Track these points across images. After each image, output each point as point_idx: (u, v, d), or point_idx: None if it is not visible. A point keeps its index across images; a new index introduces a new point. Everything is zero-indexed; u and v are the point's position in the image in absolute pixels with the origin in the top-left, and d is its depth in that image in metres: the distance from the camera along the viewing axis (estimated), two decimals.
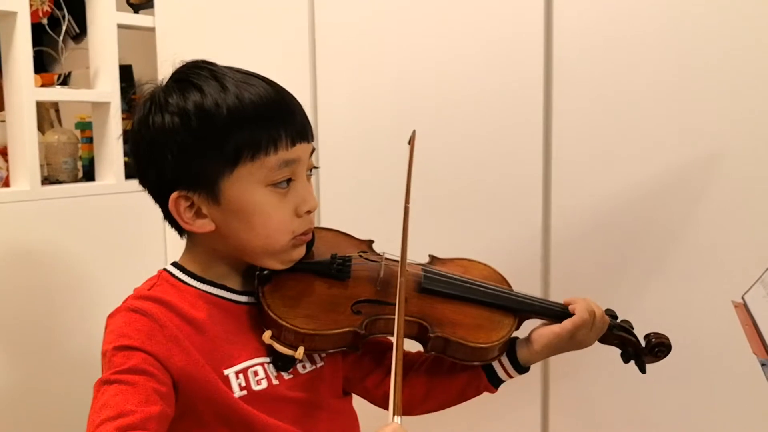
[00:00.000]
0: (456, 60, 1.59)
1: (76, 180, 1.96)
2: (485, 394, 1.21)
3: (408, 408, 1.24)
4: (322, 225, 1.27)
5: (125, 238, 1.85)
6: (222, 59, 1.09)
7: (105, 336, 1.01)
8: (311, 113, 1.73)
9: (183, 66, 1.08)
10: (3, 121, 1.80)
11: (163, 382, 0.97)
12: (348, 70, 1.72)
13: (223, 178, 1.02)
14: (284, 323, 1.03)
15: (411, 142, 1.24)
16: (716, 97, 1.36)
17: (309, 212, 1.07)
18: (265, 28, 1.83)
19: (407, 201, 1.12)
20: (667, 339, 1.21)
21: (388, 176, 1.62)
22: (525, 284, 1.24)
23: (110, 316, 1.03)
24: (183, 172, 1.03)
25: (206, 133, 1.01)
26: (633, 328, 1.23)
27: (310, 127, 1.09)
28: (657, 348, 1.21)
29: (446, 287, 1.17)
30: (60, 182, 1.91)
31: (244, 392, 1.03)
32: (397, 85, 1.65)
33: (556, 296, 1.26)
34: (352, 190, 1.73)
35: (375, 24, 1.68)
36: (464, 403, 1.23)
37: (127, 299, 1.05)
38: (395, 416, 0.83)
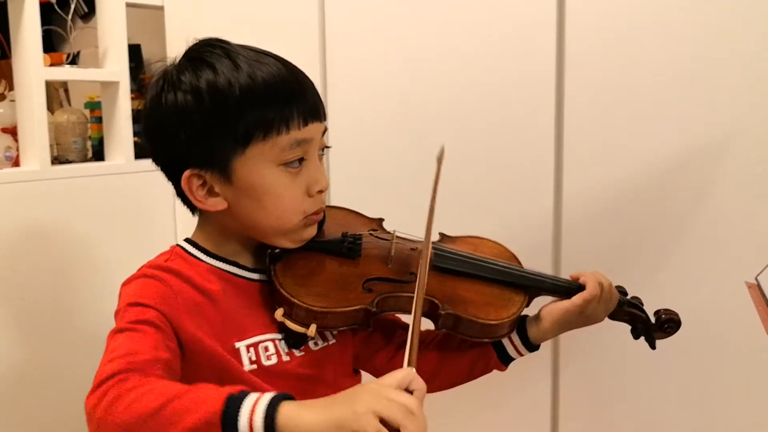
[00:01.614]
0: (469, 44, 1.58)
1: (85, 160, 1.96)
2: (496, 373, 1.22)
3: None
4: (333, 204, 1.27)
5: (135, 217, 1.85)
6: (230, 38, 1.09)
7: (120, 300, 1.01)
8: (321, 93, 1.73)
9: (196, 44, 1.08)
10: (12, 101, 1.80)
11: (172, 340, 0.97)
12: (359, 50, 1.71)
13: (235, 157, 1.02)
14: (296, 301, 1.04)
15: (440, 159, 1.10)
16: (728, 82, 1.36)
17: (320, 192, 1.08)
18: (275, 6, 1.82)
19: (431, 215, 1.02)
20: (677, 315, 1.22)
21: (399, 156, 1.62)
22: (536, 267, 1.24)
23: (125, 283, 1.04)
24: (195, 150, 1.03)
25: (219, 111, 1.01)
26: (643, 305, 1.24)
27: (323, 106, 1.08)
28: (666, 324, 1.21)
29: (457, 265, 1.17)
30: (70, 162, 1.91)
31: (254, 366, 1.04)
32: (408, 65, 1.65)
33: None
34: (362, 170, 1.72)
35: (386, 4, 1.67)
36: (475, 382, 1.24)
37: (141, 268, 1.06)
38: (410, 366, 0.86)
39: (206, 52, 1.04)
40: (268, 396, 0.82)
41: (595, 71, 1.46)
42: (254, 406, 0.80)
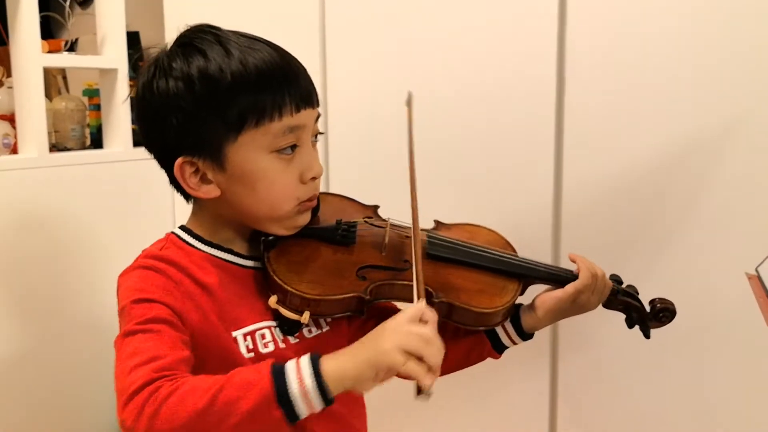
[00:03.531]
0: (469, 30, 1.57)
1: (83, 147, 1.97)
2: (495, 365, 1.22)
3: None
4: (331, 191, 1.27)
5: (133, 205, 1.85)
6: (230, 24, 1.08)
7: (120, 293, 1.01)
8: (320, 79, 1.73)
9: (187, 30, 1.07)
10: (10, 88, 1.80)
11: (185, 332, 0.97)
12: (359, 40, 1.71)
13: (227, 143, 1.02)
14: (290, 288, 1.04)
15: (408, 104, 1.20)
16: (727, 76, 1.35)
17: (314, 179, 1.07)
18: None
19: (412, 163, 1.10)
20: (672, 304, 1.21)
21: (397, 144, 1.61)
22: (535, 256, 1.23)
23: (122, 275, 1.04)
24: (188, 137, 1.02)
25: (210, 98, 1.00)
26: (638, 293, 1.23)
27: (316, 92, 1.08)
28: (661, 313, 1.21)
29: (450, 253, 1.17)
30: (68, 149, 1.91)
31: (252, 354, 1.04)
32: (408, 55, 1.64)
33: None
34: (360, 157, 1.72)
35: None
36: (474, 375, 1.24)
37: (138, 258, 1.06)
38: (419, 299, 0.94)
39: (197, 39, 1.04)
40: (305, 359, 0.87)
41: (595, 64, 1.45)
42: (299, 372, 0.85)
